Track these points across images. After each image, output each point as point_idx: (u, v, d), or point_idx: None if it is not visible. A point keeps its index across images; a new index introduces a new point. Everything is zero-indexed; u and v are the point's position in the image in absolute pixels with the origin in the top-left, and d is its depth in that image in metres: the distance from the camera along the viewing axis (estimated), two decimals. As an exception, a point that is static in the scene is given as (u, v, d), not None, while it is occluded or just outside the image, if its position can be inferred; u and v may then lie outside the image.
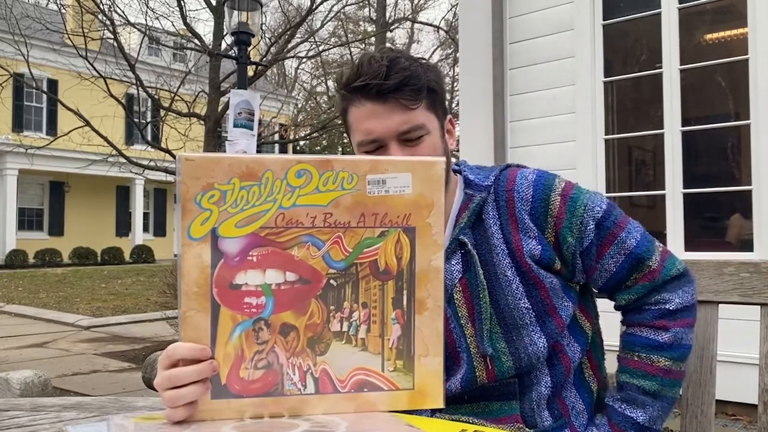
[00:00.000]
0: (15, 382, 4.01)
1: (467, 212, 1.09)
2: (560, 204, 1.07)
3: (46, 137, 13.48)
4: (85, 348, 7.13)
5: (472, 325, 1.06)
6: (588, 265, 1.09)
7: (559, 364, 1.09)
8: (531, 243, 1.07)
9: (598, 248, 1.08)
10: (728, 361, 3.22)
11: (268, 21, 20.08)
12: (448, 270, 1.07)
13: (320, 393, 0.79)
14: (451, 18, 20.97)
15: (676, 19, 4.11)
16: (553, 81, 4.53)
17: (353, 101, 1.07)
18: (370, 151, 1.07)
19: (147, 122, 10.72)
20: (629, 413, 1.07)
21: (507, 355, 1.05)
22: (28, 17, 9.08)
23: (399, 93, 1.04)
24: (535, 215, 1.08)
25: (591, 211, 1.08)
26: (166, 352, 0.78)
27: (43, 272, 15.55)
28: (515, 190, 1.09)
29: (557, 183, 1.10)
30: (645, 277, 1.08)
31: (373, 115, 1.05)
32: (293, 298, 0.78)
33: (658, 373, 1.07)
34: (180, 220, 0.76)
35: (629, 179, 4.62)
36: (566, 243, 1.07)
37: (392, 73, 1.03)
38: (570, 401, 1.11)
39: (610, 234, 1.08)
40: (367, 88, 1.04)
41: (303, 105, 25.47)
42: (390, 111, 1.04)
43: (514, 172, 1.13)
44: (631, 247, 1.08)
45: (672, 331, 1.07)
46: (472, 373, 1.05)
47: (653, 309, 1.08)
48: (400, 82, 1.03)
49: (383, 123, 1.05)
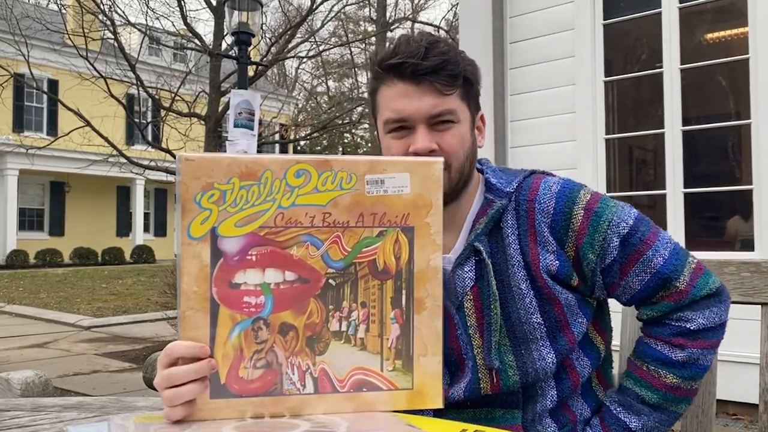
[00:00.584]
0: (16, 382, 4.02)
1: (485, 218, 1.05)
2: (583, 218, 1.02)
3: (47, 137, 13.50)
4: (86, 348, 7.13)
5: (480, 336, 1.04)
6: (610, 282, 1.05)
7: (566, 379, 1.07)
8: (548, 258, 1.03)
9: (622, 266, 1.03)
10: (729, 360, 3.22)
11: (269, 21, 20.09)
12: (460, 277, 1.05)
13: (319, 393, 0.79)
14: (451, 18, 20.97)
15: (676, 19, 4.11)
16: (554, 80, 4.53)
17: (385, 80, 1.04)
18: (395, 130, 1.04)
19: (147, 122, 10.73)
20: (623, 417, 1.05)
21: (514, 369, 1.03)
22: (28, 17, 9.09)
23: (435, 76, 1.01)
24: (556, 228, 1.03)
25: (616, 227, 1.02)
26: (165, 350, 0.78)
27: (44, 272, 15.55)
28: (537, 200, 1.05)
29: (582, 195, 1.05)
30: (671, 297, 1.03)
31: (405, 95, 1.02)
32: (292, 298, 0.78)
33: (662, 387, 1.04)
34: (180, 220, 0.76)
35: (630, 179, 4.62)
36: (587, 259, 1.03)
37: (430, 55, 1.00)
38: (578, 410, 1.09)
39: (635, 251, 1.02)
40: (403, 67, 1.01)
41: (303, 105, 25.48)
42: (423, 93, 1.01)
43: (538, 180, 1.08)
44: (657, 266, 1.02)
45: (688, 351, 1.03)
46: (476, 384, 1.04)
47: (673, 325, 1.04)
48: (437, 65, 1.00)
49: (414, 104, 1.02)
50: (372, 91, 1.09)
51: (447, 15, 23.67)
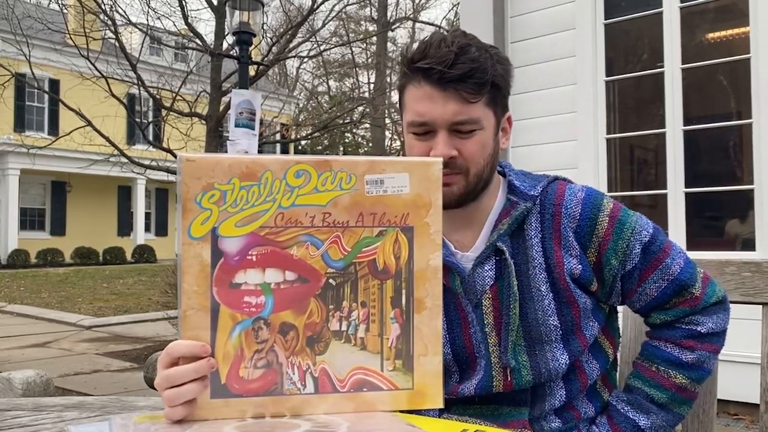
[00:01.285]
0: (17, 381, 4.02)
1: (509, 219, 1.07)
2: (608, 225, 1.05)
3: (48, 137, 13.50)
4: (87, 348, 7.14)
5: (496, 334, 1.05)
6: (628, 288, 1.08)
7: (576, 381, 1.09)
8: (572, 261, 1.05)
9: (641, 272, 1.06)
10: (730, 360, 3.22)
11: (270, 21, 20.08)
12: (480, 275, 1.06)
13: (319, 392, 0.79)
14: (452, 17, 20.96)
15: (677, 18, 4.11)
16: (555, 80, 4.53)
17: (413, 80, 1.05)
18: (418, 134, 1.05)
19: (148, 122, 10.74)
20: (632, 416, 1.07)
21: (527, 369, 1.04)
22: (29, 17, 9.09)
23: (461, 84, 1.01)
24: (581, 234, 1.05)
25: (638, 234, 1.06)
26: (166, 350, 0.78)
27: (45, 272, 15.57)
28: (563, 205, 1.07)
29: (606, 203, 1.08)
30: (686, 303, 1.07)
31: (429, 99, 1.02)
32: (292, 298, 0.79)
33: (671, 387, 1.06)
34: (181, 220, 0.76)
35: (631, 179, 4.61)
36: (609, 265, 1.05)
37: (458, 62, 1.00)
38: (582, 409, 1.10)
39: (655, 259, 1.06)
40: (430, 72, 1.01)
41: (304, 105, 25.49)
42: (447, 99, 1.01)
43: (562, 186, 1.10)
44: (675, 273, 1.06)
45: (697, 353, 1.06)
46: (489, 382, 1.04)
47: (684, 328, 1.08)
48: (465, 73, 1.00)
49: (438, 110, 1.02)
50: (401, 86, 1.10)
51: (448, 14, 23.66)
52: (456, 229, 1.10)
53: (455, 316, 1.07)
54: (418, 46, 1.05)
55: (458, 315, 1.07)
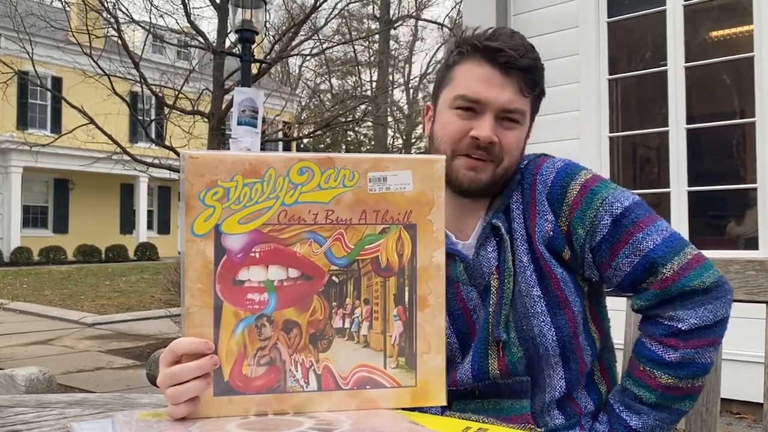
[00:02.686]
0: (20, 378, 4.03)
1: (500, 197, 1.09)
2: (578, 194, 1.05)
3: (51, 135, 13.51)
4: (90, 345, 7.15)
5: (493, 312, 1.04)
6: (600, 261, 1.04)
7: (576, 368, 1.08)
8: (546, 226, 1.05)
9: (612, 245, 1.02)
10: (733, 359, 3.21)
11: (272, 18, 20.09)
12: (485, 257, 1.06)
13: (323, 390, 0.79)
14: (455, 15, 20.95)
15: (681, 16, 4.10)
16: (558, 78, 4.51)
17: (471, 58, 1.06)
18: (464, 110, 1.06)
19: (151, 120, 10.73)
20: (624, 416, 1.05)
21: (517, 346, 1.03)
22: (32, 15, 9.08)
23: (523, 74, 1.04)
24: (552, 200, 1.06)
25: (609, 206, 1.03)
26: (170, 347, 0.78)
27: (48, 269, 15.60)
28: (540, 173, 1.08)
29: (582, 174, 1.07)
30: (657, 285, 1.01)
31: (489, 79, 1.04)
32: (295, 295, 0.78)
33: (658, 388, 1.02)
34: (184, 217, 0.76)
35: (634, 177, 4.61)
36: (576, 234, 1.04)
37: (527, 55, 1.05)
38: (582, 402, 1.10)
39: (626, 232, 1.02)
40: (499, 54, 1.04)
41: (307, 103, 25.48)
42: (506, 85, 1.04)
43: (543, 159, 1.12)
44: (646, 249, 1.01)
45: (681, 352, 1.00)
46: (484, 361, 1.04)
47: (665, 325, 1.02)
48: (530, 66, 1.04)
49: (495, 92, 1.04)
50: (450, 62, 1.10)
51: (451, 12, 23.64)
52: (460, 219, 1.10)
53: (455, 306, 1.07)
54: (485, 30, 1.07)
55: (458, 305, 1.07)
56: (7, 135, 17.30)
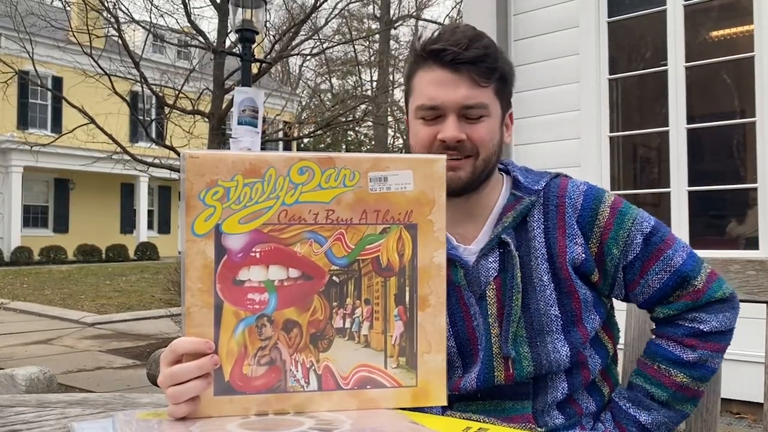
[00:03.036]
0: (20, 378, 4.03)
1: (513, 213, 1.08)
2: (609, 215, 1.07)
3: (51, 135, 13.51)
4: (90, 345, 7.15)
5: (499, 326, 1.05)
6: (630, 279, 1.08)
7: (578, 375, 1.09)
8: (576, 249, 1.06)
9: (643, 263, 1.07)
10: (733, 359, 3.21)
11: (272, 18, 20.09)
12: (484, 267, 1.07)
13: (323, 390, 0.79)
14: (455, 15, 20.94)
15: (681, 16, 4.10)
16: (558, 78, 4.52)
17: (424, 65, 1.06)
18: (427, 119, 1.06)
19: (151, 120, 10.73)
20: (633, 413, 1.07)
21: (528, 360, 1.04)
22: (33, 15, 9.08)
23: (473, 67, 1.03)
24: (583, 223, 1.07)
25: (639, 225, 1.07)
26: (170, 347, 0.78)
27: (48, 269, 15.60)
28: (567, 196, 1.09)
29: (607, 196, 1.10)
30: (688, 296, 1.07)
31: (441, 82, 1.04)
32: (296, 295, 0.78)
33: (672, 386, 1.06)
34: (184, 217, 0.76)
35: (634, 177, 4.60)
36: (610, 254, 1.06)
37: (472, 46, 1.03)
38: (583, 403, 1.11)
39: (657, 250, 1.07)
40: (443, 54, 1.03)
41: (307, 102, 25.47)
42: (459, 82, 1.03)
43: (565, 180, 1.13)
44: (677, 264, 1.06)
45: (699, 352, 1.06)
46: (490, 373, 1.05)
47: (686, 326, 1.07)
48: (477, 56, 1.03)
49: (449, 93, 1.03)
50: (409, 75, 1.11)
51: (451, 12, 23.62)
52: (458, 223, 1.10)
53: (457, 309, 1.07)
54: (430, 35, 1.07)
55: (461, 308, 1.07)
56: (7, 135, 17.30)
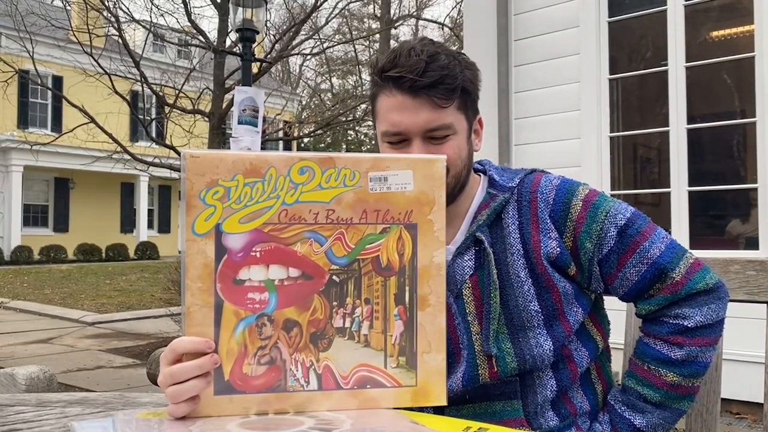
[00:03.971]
0: (20, 377, 4.03)
1: (487, 210, 1.08)
2: (581, 209, 1.06)
3: (51, 134, 13.51)
4: (90, 344, 7.15)
5: (478, 323, 1.05)
6: (607, 273, 1.07)
7: (564, 369, 1.09)
8: (550, 243, 1.06)
9: (619, 256, 1.06)
10: (733, 359, 3.22)
11: (273, 18, 20.09)
12: (459, 266, 1.07)
13: (323, 389, 0.79)
14: (455, 15, 20.93)
15: (681, 16, 4.10)
16: (558, 78, 4.52)
17: (384, 89, 1.06)
18: (393, 143, 1.06)
19: (152, 119, 10.73)
20: (627, 416, 1.07)
21: (512, 356, 1.04)
22: (33, 14, 9.09)
23: (432, 90, 1.02)
24: (555, 218, 1.07)
25: (613, 218, 1.06)
26: (170, 346, 0.78)
27: (48, 268, 15.60)
28: (539, 191, 1.09)
29: (581, 189, 1.09)
30: (667, 289, 1.05)
31: (402, 108, 1.03)
32: (296, 294, 0.78)
33: (663, 386, 1.06)
34: (184, 216, 0.76)
35: (634, 177, 4.60)
36: (584, 248, 1.06)
37: (429, 70, 1.02)
38: (577, 401, 1.10)
39: (632, 242, 1.05)
40: (401, 81, 1.02)
41: (307, 102, 25.47)
42: (420, 107, 1.03)
43: (539, 176, 1.12)
44: (654, 256, 1.04)
45: (686, 349, 1.04)
46: (474, 371, 1.05)
47: (671, 323, 1.06)
48: (436, 80, 1.02)
49: (411, 118, 1.03)
50: (372, 95, 1.11)
51: (451, 12, 23.62)
52: None
53: None
54: (387, 56, 1.06)
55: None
56: (7, 134, 17.29)
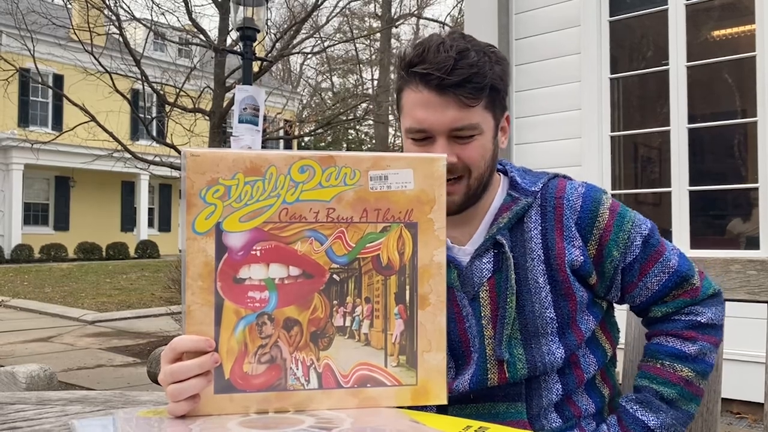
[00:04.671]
0: (21, 375, 4.03)
1: (509, 213, 1.07)
2: (609, 217, 1.07)
3: (52, 132, 13.52)
4: (90, 343, 7.16)
5: (492, 327, 1.04)
6: (629, 281, 1.08)
7: (570, 375, 1.08)
8: (574, 252, 1.05)
9: (642, 265, 1.07)
10: (734, 359, 3.21)
11: (274, 17, 20.06)
12: (478, 268, 1.06)
13: (323, 388, 0.79)
14: (456, 14, 20.92)
15: (683, 16, 4.09)
16: (559, 77, 4.52)
17: (411, 84, 1.04)
18: (417, 140, 1.04)
19: (152, 118, 10.73)
20: (640, 416, 1.06)
21: (523, 362, 1.04)
22: (34, 12, 9.09)
23: (460, 89, 0.99)
24: (582, 225, 1.06)
25: (638, 227, 1.08)
26: (170, 345, 0.78)
27: (49, 267, 15.61)
28: (565, 198, 1.08)
29: (605, 198, 1.10)
30: (687, 294, 1.09)
31: (428, 105, 1.01)
32: (296, 293, 0.78)
33: (679, 382, 1.06)
34: (185, 215, 0.76)
35: (635, 176, 4.60)
36: (610, 256, 1.06)
37: (457, 68, 0.99)
38: (582, 405, 1.10)
39: (655, 252, 1.08)
40: (428, 77, 1.00)
41: (308, 101, 25.46)
42: (446, 105, 1.00)
43: (563, 182, 1.12)
44: (675, 266, 1.08)
45: (699, 344, 1.06)
46: (483, 375, 1.04)
47: (684, 319, 1.08)
48: (464, 79, 0.99)
49: (437, 116, 1.01)
50: (398, 89, 1.08)
51: (452, 11, 23.60)
52: (454, 226, 1.10)
53: (450, 310, 1.06)
54: (415, 49, 1.03)
55: (452, 309, 1.06)
56: (8, 132, 17.30)
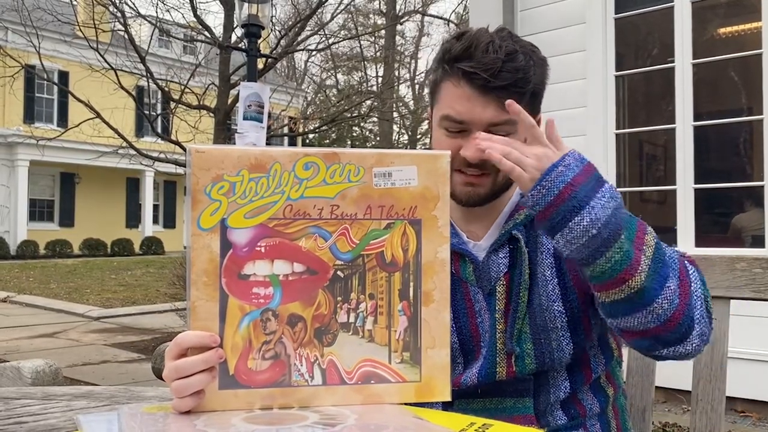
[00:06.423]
0: (26, 371, 4.06)
1: (526, 210, 1.07)
2: None
3: (57, 129, 13.56)
4: (95, 338, 7.19)
5: (504, 321, 1.05)
6: None
7: (579, 372, 1.08)
8: None
9: None
10: (739, 357, 3.21)
11: (278, 13, 20.05)
12: (495, 262, 1.06)
13: (327, 384, 0.80)
14: (461, 11, 20.89)
15: (689, 13, 4.07)
16: (564, 75, 4.50)
17: (452, 78, 1.03)
18: (451, 130, 1.04)
19: (157, 114, 10.74)
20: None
21: (531, 357, 1.04)
22: (39, 9, 9.12)
23: (503, 92, 1.00)
24: None
25: None
26: (175, 341, 0.78)
27: (54, 263, 15.67)
28: None
29: None
30: None
31: (469, 100, 1.01)
32: (301, 289, 0.79)
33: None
34: (190, 211, 0.76)
35: (640, 174, 4.59)
36: None
37: (504, 71, 0.99)
38: (587, 403, 1.10)
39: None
40: (473, 76, 1.00)
41: (312, 98, 25.47)
42: (487, 104, 1.01)
43: None
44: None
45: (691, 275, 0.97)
46: (492, 368, 1.04)
47: None
48: (508, 84, 1.00)
49: (477, 111, 1.01)
50: (437, 79, 1.08)
51: (457, 8, 23.55)
52: (472, 219, 1.11)
53: (462, 305, 1.07)
54: (462, 43, 1.03)
55: (465, 304, 1.07)
56: (13, 129, 17.36)
